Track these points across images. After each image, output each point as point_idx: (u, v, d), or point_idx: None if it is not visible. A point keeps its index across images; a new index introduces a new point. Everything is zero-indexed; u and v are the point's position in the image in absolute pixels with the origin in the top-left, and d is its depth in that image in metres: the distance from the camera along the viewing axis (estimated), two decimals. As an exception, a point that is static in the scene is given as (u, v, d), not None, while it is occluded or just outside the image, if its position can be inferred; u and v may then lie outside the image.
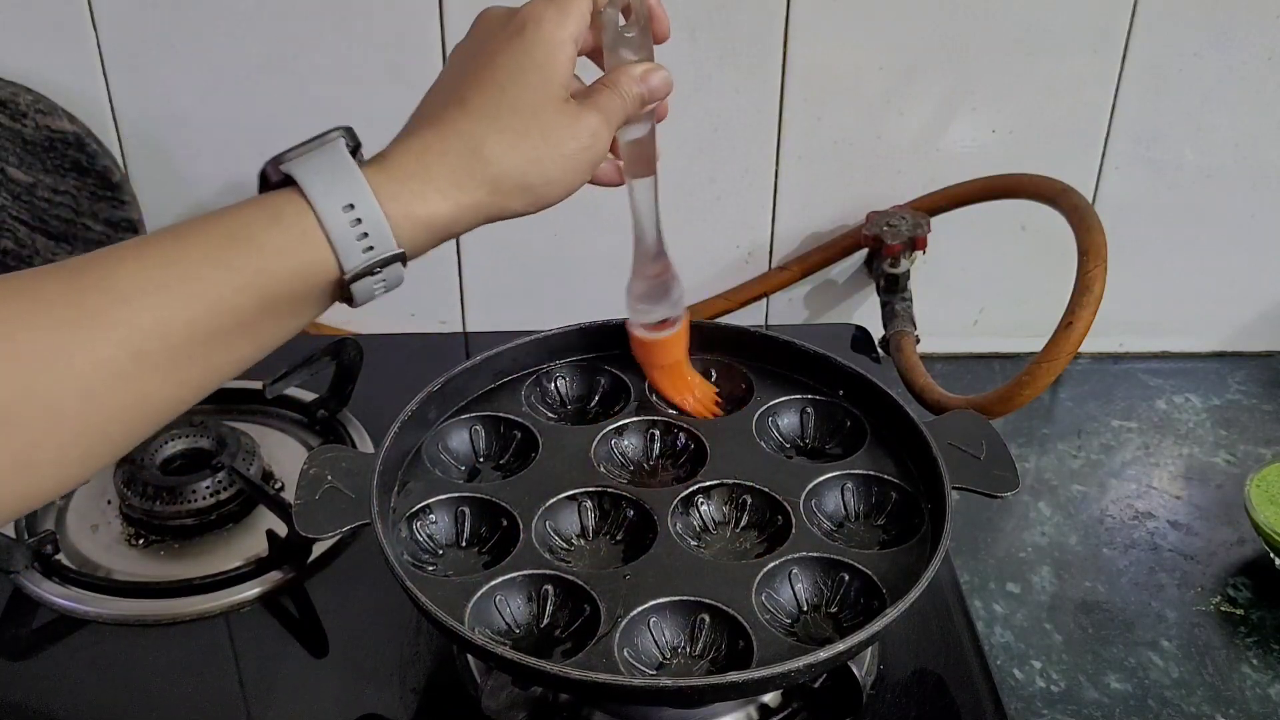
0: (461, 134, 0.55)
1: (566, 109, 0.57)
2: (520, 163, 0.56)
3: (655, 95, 0.62)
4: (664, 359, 0.75)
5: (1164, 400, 1.04)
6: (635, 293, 0.72)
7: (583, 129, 0.58)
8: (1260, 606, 0.81)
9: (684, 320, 0.74)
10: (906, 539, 0.69)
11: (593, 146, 0.58)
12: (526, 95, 0.56)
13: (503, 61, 0.57)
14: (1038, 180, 0.98)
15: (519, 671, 0.60)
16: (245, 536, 0.81)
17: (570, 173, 0.58)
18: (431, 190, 0.54)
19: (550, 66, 0.57)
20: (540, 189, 0.57)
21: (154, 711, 0.69)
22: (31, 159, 0.96)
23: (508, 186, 0.56)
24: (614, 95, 0.60)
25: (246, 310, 0.51)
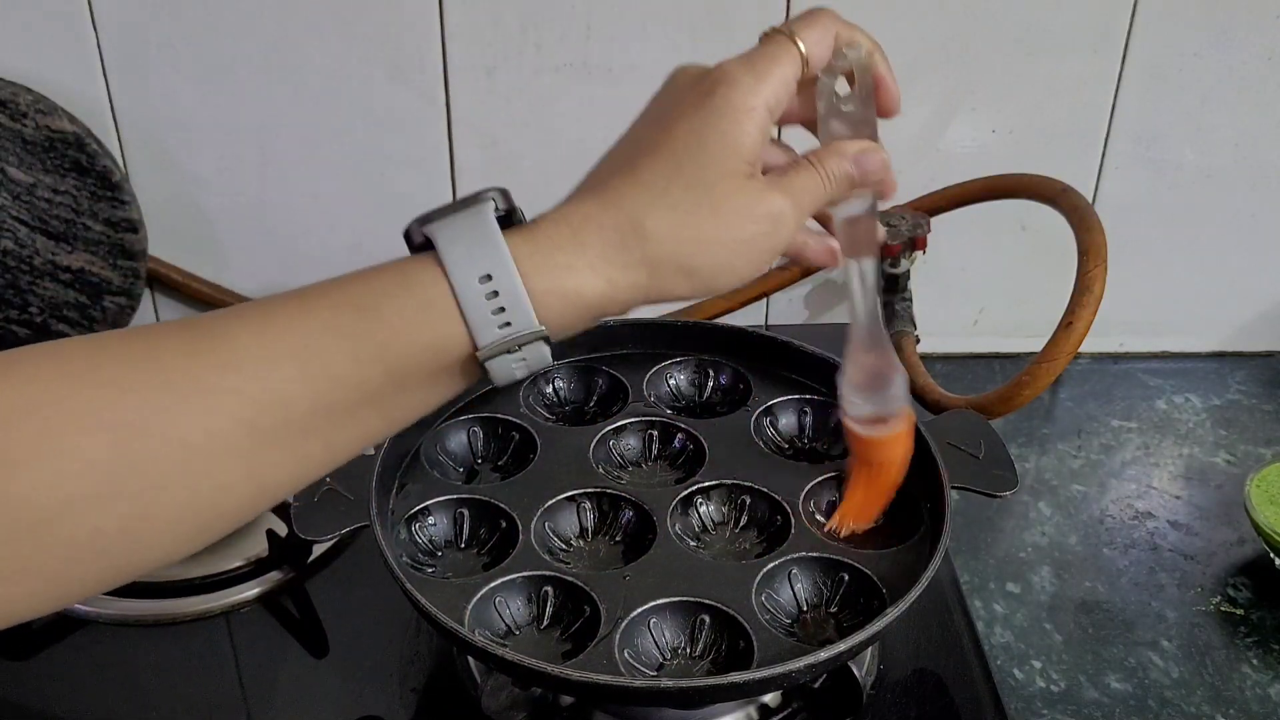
0: (624, 206, 0.50)
1: (747, 187, 0.51)
2: (684, 243, 0.50)
3: (867, 179, 0.55)
4: (876, 456, 0.66)
5: (1164, 400, 1.04)
6: (849, 382, 0.64)
7: (762, 211, 0.51)
8: (1260, 606, 0.81)
9: (905, 421, 0.65)
10: (906, 539, 0.69)
11: (773, 233, 0.52)
12: (704, 168, 0.50)
13: (683, 129, 0.51)
14: (1038, 180, 0.98)
15: (519, 673, 0.60)
16: (245, 536, 0.81)
17: (743, 259, 0.51)
18: (583, 265, 0.49)
19: (735, 137, 0.51)
20: (706, 274, 0.51)
21: (154, 711, 0.69)
22: (31, 159, 0.96)
23: (669, 268, 0.50)
24: (812, 175, 0.54)
25: (372, 383, 0.47)
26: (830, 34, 0.55)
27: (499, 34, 0.95)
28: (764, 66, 0.52)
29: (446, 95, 0.97)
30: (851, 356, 0.63)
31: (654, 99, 0.55)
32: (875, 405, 0.64)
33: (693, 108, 0.51)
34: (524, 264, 0.48)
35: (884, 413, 0.64)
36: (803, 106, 0.57)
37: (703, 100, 0.51)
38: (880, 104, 0.57)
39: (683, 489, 0.71)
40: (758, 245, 0.51)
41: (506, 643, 0.63)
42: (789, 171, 0.53)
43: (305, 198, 1.02)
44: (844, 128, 0.56)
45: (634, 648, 0.62)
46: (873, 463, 0.66)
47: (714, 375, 0.82)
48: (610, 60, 0.96)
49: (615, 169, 0.52)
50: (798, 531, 0.68)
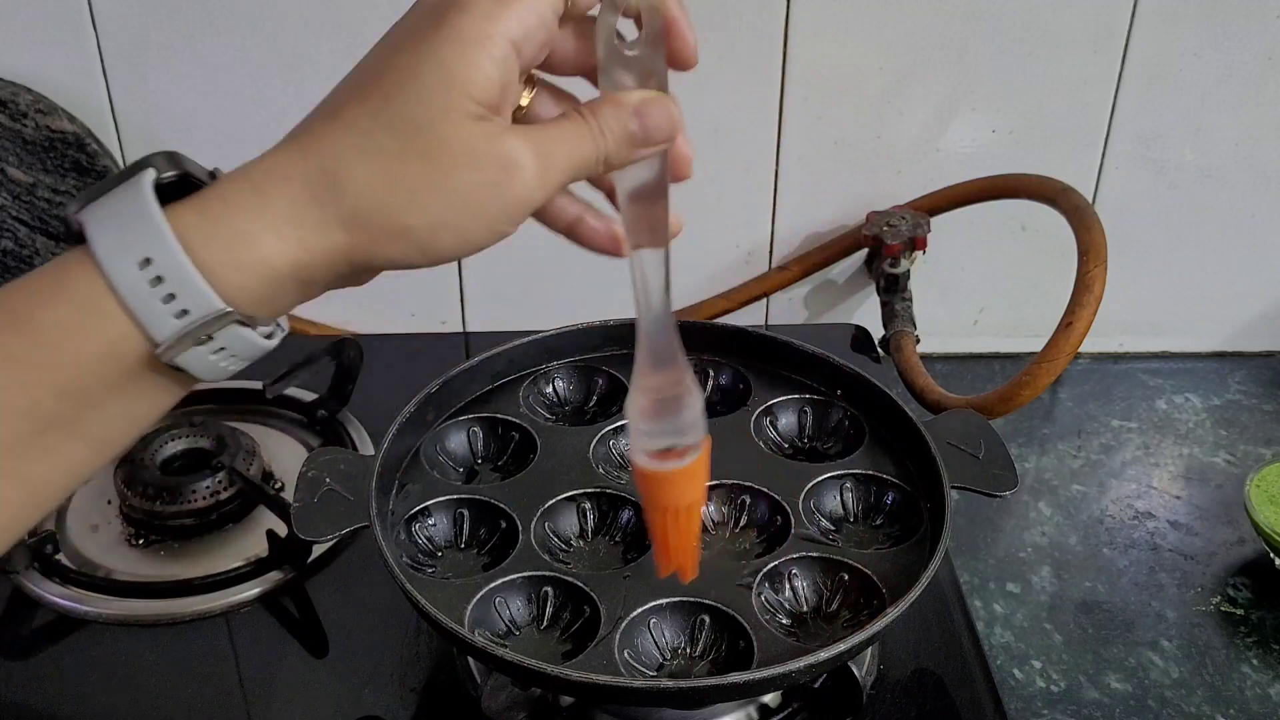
0: (319, 153, 0.42)
1: (472, 128, 0.42)
2: (389, 195, 0.42)
3: (653, 136, 0.46)
4: (670, 499, 0.55)
5: (1164, 400, 1.04)
6: (636, 407, 0.53)
7: (491, 157, 0.42)
8: (1260, 606, 0.81)
9: (702, 450, 0.54)
10: (906, 539, 0.69)
11: (504, 184, 0.43)
12: (416, 106, 0.42)
13: (400, 60, 0.42)
14: (1038, 180, 0.98)
15: (519, 673, 0.60)
16: (245, 536, 0.81)
17: (467, 216, 0.43)
18: (264, 227, 0.41)
19: (460, 69, 0.42)
20: (421, 234, 0.43)
21: (154, 711, 0.69)
22: (31, 159, 0.96)
23: (373, 225, 0.42)
24: (578, 125, 0.45)
25: (46, 407, 0.41)
26: None
27: (499, 34, 0.95)
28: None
29: (446, 95, 0.97)
30: (639, 377, 0.52)
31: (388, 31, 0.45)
32: (665, 435, 0.53)
33: (416, 37, 0.43)
34: (190, 236, 0.41)
35: (676, 443, 0.53)
36: (578, 50, 0.47)
37: (429, 28, 0.42)
38: (672, 51, 0.47)
39: (683, 489, 0.71)
40: (485, 198, 0.43)
41: (506, 643, 0.63)
42: (550, 122, 0.45)
43: (305, 198, 1.01)
44: (629, 77, 0.46)
45: (634, 648, 0.62)
46: (665, 507, 0.56)
47: (714, 375, 0.82)
48: (610, 60, 0.96)
49: (321, 111, 0.44)
50: (798, 531, 0.68)
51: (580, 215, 0.50)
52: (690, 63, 0.48)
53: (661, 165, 0.48)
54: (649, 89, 0.46)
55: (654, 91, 0.46)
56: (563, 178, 0.45)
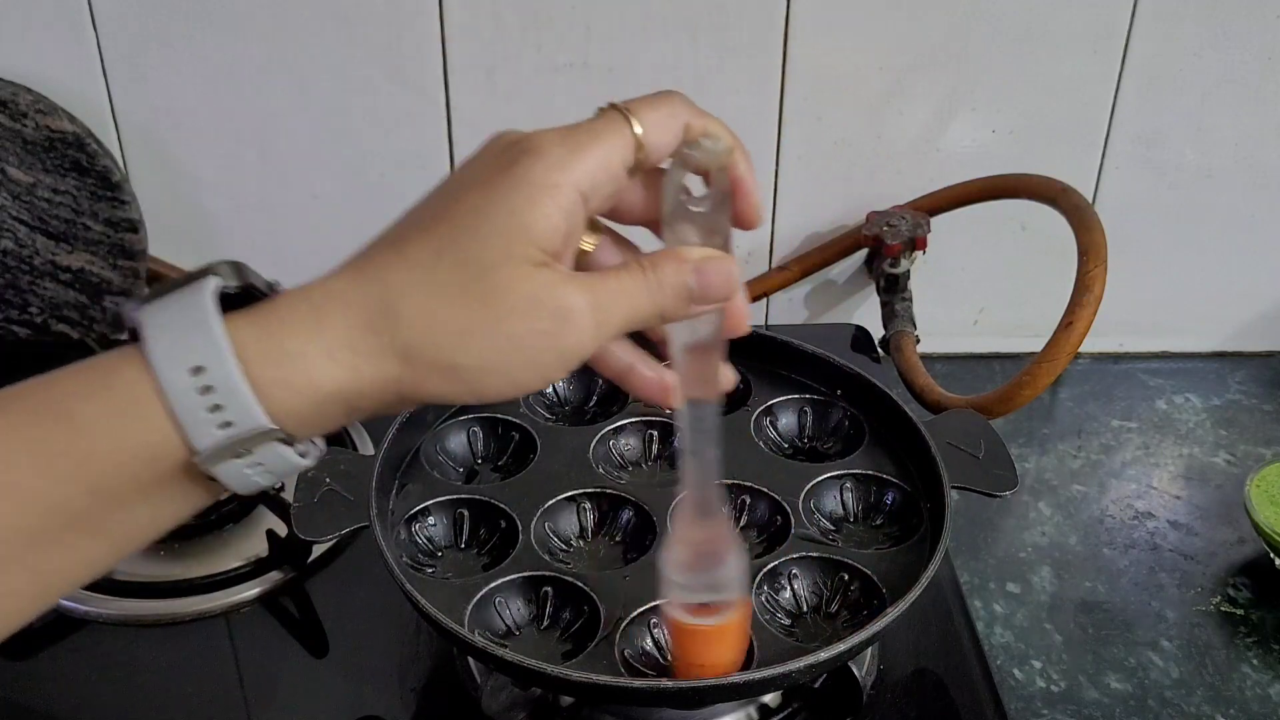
0: (380, 283, 0.42)
1: (533, 275, 0.42)
2: (442, 333, 0.42)
3: (711, 295, 0.45)
4: (701, 657, 0.56)
5: (1164, 400, 1.04)
6: (673, 560, 0.53)
7: (544, 306, 0.42)
8: (1260, 606, 0.81)
9: (740, 613, 0.54)
10: (906, 539, 0.69)
11: (558, 334, 0.42)
12: (480, 248, 0.42)
13: (469, 199, 0.43)
14: (1038, 180, 0.98)
15: (519, 673, 0.60)
16: (245, 536, 0.81)
17: (519, 361, 0.43)
18: (319, 350, 0.41)
19: (528, 215, 0.42)
20: (470, 374, 0.42)
21: (154, 711, 0.69)
22: (31, 159, 0.96)
23: (424, 361, 0.42)
24: (635, 278, 0.44)
25: (76, 504, 0.40)
26: (677, 118, 0.46)
27: (499, 34, 0.95)
28: (581, 140, 0.44)
29: (446, 95, 0.97)
30: (679, 528, 0.53)
31: (462, 164, 0.45)
32: (703, 590, 0.53)
33: (488, 179, 0.43)
34: (247, 350, 0.40)
35: (714, 599, 0.54)
36: (644, 202, 0.48)
37: (501, 171, 0.43)
38: (738, 211, 0.48)
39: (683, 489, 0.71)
40: (536, 346, 0.43)
41: (506, 643, 0.63)
42: (606, 272, 0.45)
43: (305, 198, 1.02)
44: (694, 233, 0.46)
45: (634, 648, 0.62)
46: (695, 664, 0.56)
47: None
48: (610, 60, 0.96)
49: (385, 241, 0.44)
50: (797, 532, 0.68)
51: (632, 364, 0.50)
52: (754, 224, 0.48)
53: (717, 322, 0.48)
54: (712, 245, 0.46)
55: (716, 251, 0.46)
56: (618, 329, 0.45)
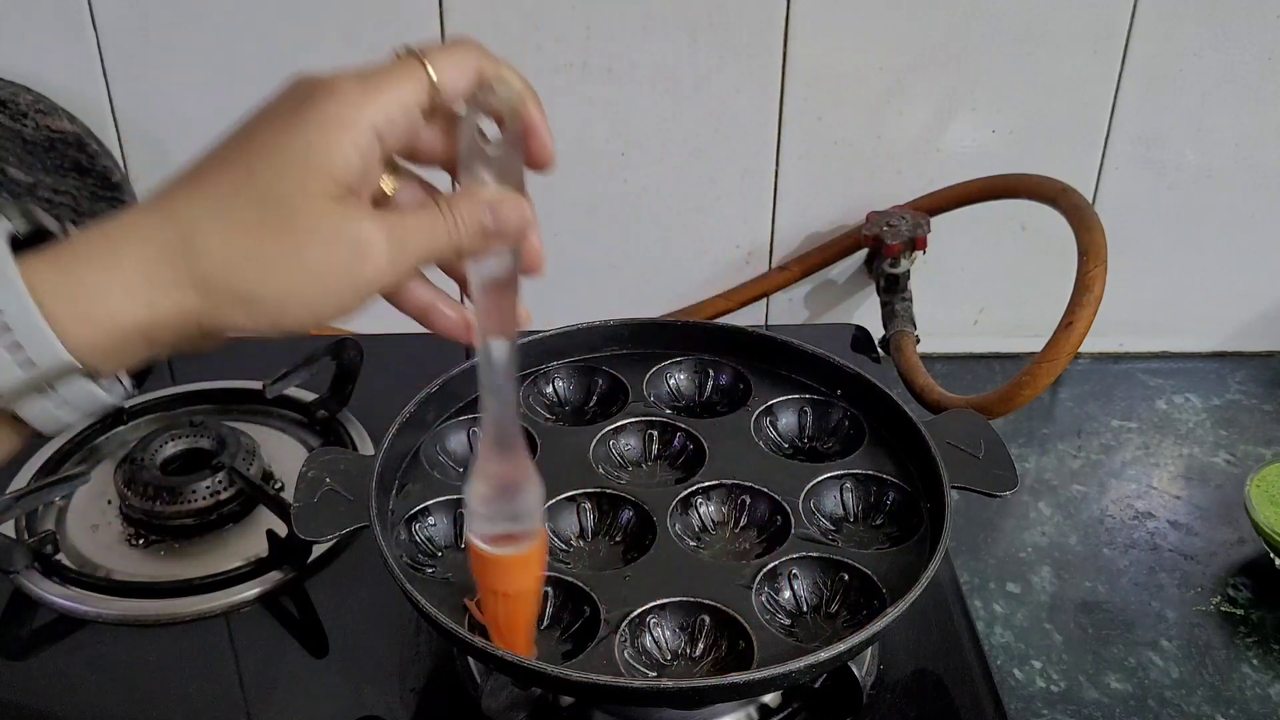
0: (177, 217, 0.43)
1: (329, 207, 0.44)
2: (240, 262, 0.43)
3: (504, 231, 0.48)
4: (501, 584, 0.57)
5: (1164, 400, 1.04)
6: (474, 493, 0.55)
7: (343, 236, 0.44)
8: (1260, 606, 0.81)
9: (537, 542, 0.56)
10: (906, 539, 0.69)
11: (355, 264, 0.45)
12: (276, 181, 0.44)
13: (266, 135, 0.45)
14: (1038, 180, 0.98)
15: (519, 673, 0.60)
16: (245, 536, 0.81)
17: (316, 290, 0.44)
18: (115, 285, 0.42)
19: (323, 149, 0.44)
20: (269, 304, 0.44)
21: (154, 711, 0.69)
22: (31, 159, 0.96)
23: (222, 292, 0.43)
24: (432, 214, 0.47)
25: None
26: (470, 64, 0.48)
27: (499, 34, 0.95)
28: (377, 81, 0.46)
29: (446, 95, 0.97)
30: (479, 463, 0.55)
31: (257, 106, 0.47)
32: (503, 521, 0.55)
33: (285, 116, 0.45)
34: (43, 288, 0.41)
35: (513, 530, 0.55)
36: (442, 144, 0.50)
37: (298, 108, 0.45)
38: (531, 153, 0.50)
39: (683, 489, 0.71)
40: (334, 276, 0.45)
41: (506, 643, 0.63)
42: (405, 209, 0.48)
43: (305, 198, 1.01)
44: (489, 174, 0.49)
45: (634, 648, 0.62)
46: (498, 591, 0.57)
47: (714, 375, 0.82)
48: (610, 60, 0.96)
49: (183, 177, 0.45)
50: (797, 532, 0.68)
51: (433, 302, 0.52)
52: (547, 165, 0.50)
53: (513, 260, 0.50)
54: (506, 186, 0.49)
55: (510, 190, 0.49)
56: (415, 261, 0.47)
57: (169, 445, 0.85)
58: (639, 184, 1.02)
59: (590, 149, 1.00)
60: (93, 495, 0.84)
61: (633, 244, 1.05)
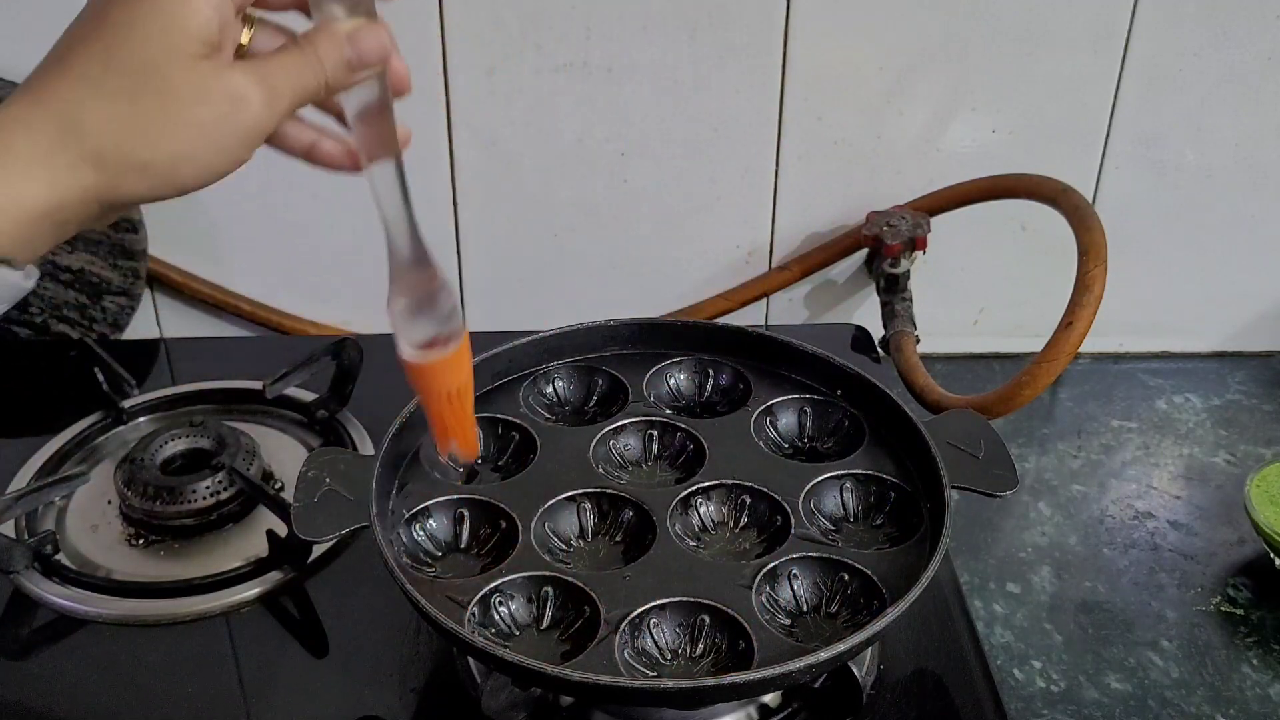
0: (56, 102, 0.46)
1: (199, 66, 0.46)
2: (127, 133, 0.46)
3: (366, 60, 0.50)
4: (439, 385, 0.60)
5: (1164, 400, 1.04)
6: (396, 309, 0.57)
7: (219, 92, 0.47)
8: (1260, 606, 0.81)
9: (462, 340, 0.59)
10: (906, 539, 0.69)
11: (234, 115, 0.47)
12: (141, 51, 0.46)
13: (119, 11, 0.46)
14: (1038, 180, 0.98)
15: (519, 673, 0.60)
16: (245, 536, 0.81)
17: (204, 146, 0.47)
18: (15, 175, 0.45)
19: (178, 12, 0.46)
20: (162, 166, 0.47)
21: (154, 711, 0.69)
22: (31, 159, 0.96)
23: (116, 163, 0.46)
24: (296, 56, 0.49)
25: None
26: None
27: (499, 34, 0.95)
28: None
29: (446, 95, 0.97)
30: (394, 280, 0.57)
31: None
32: (430, 327, 0.57)
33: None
34: None
35: (439, 333, 0.58)
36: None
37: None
38: None
39: (683, 489, 0.71)
40: (218, 130, 0.47)
41: (507, 643, 0.63)
42: (271, 55, 0.49)
43: (305, 198, 1.02)
44: (340, 8, 0.51)
45: (634, 648, 0.62)
46: (442, 393, 0.60)
47: (714, 375, 0.82)
48: (610, 60, 0.96)
49: (46, 66, 0.47)
50: (797, 532, 0.68)
51: (315, 140, 0.54)
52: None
53: (382, 85, 0.52)
54: (358, 16, 0.50)
55: (364, 20, 0.50)
56: (289, 104, 0.49)
57: (169, 445, 0.85)
58: (639, 184, 1.02)
59: (590, 149, 1.01)
60: (93, 495, 0.84)
61: (633, 244, 1.05)
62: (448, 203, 1.02)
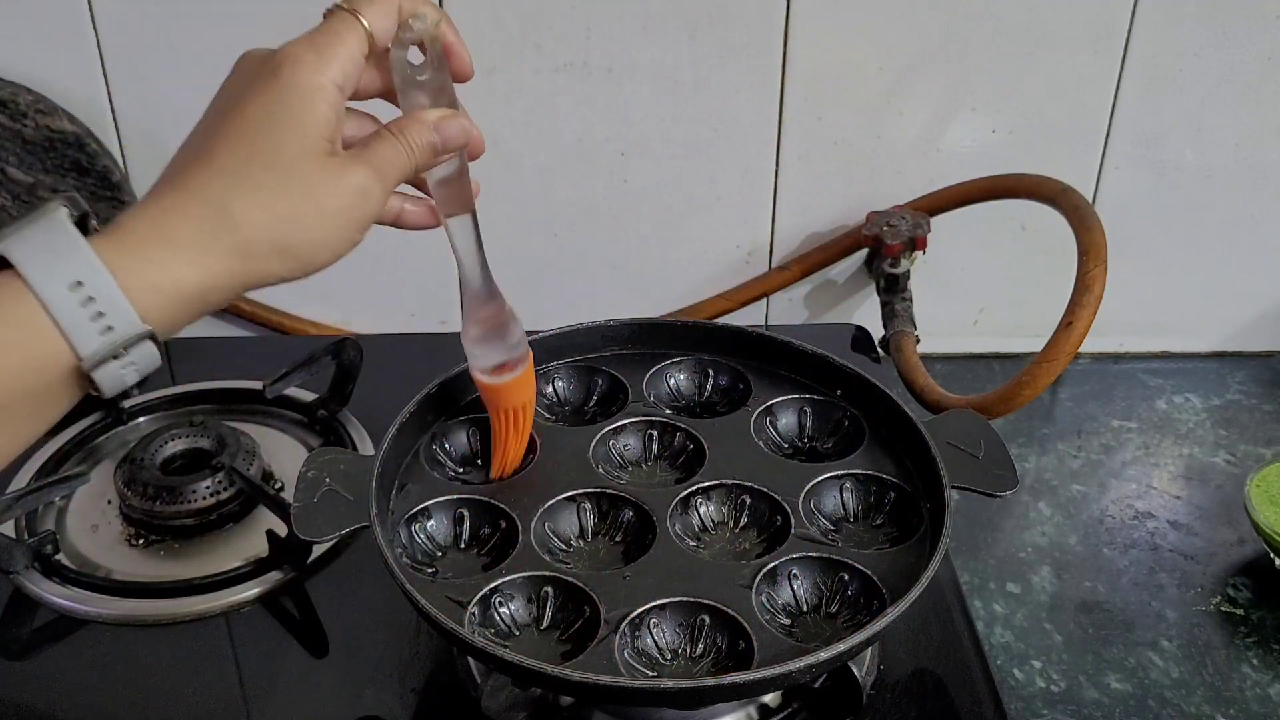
0: (207, 194, 0.50)
1: (329, 163, 0.52)
2: (274, 224, 0.51)
3: (450, 145, 0.57)
4: (509, 402, 0.70)
5: (1164, 400, 1.04)
6: (470, 338, 0.67)
7: (347, 186, 0.53)
8: (1260, 606, 0.81)
9: (528, 362, 0.70)
10: (906, 539, 0.69)
11: (361, 205, 0.53)
12: (280, 148, 0.51)
13: (253, 111, 0.52)
14: (1038, 180, 0.98)
15: (519, 673, 0.60)
16: (245, 536, 0.81)
17: (336, 233, 0.53)
18: (175, 257, 0.49)
19: (307, 115, 0.52)
20: (302, 251, 0.52)
21: (154, 711, 0.69)
22: (31, 159, 0.96)
23: (263, 250, 0.51)
24: (394, 146, 0.55)
25: None
26: (393, 6, 0.56)
27: (499, 34, 0.95)
28: (326, 44, 0.53)
29: (446, 95, 0.97)
30: (468, 314, 0.67)
31: (222, 86, 0.55)
32: (500, 354, 0.68)
33: (261, 90, 0.52)
34: (113, 264, 0.47)
35: (509, 359, 0.68)
36: (379, 79, 0.58)
37: (270, 82, 0.52)
38: (453, 69, 0.59)
39: (683, 489, 0.71)
40: (348, 218, 0.53)
41: (507, 643, 0.63)
42: (371, 144, 0.55)
43: (305, 198, 1.01)
44: (423, 96, 0.58)
45: (634, 648, 0.62)
46: (508, 408, 0.70)
47: (714, 375, 0.82)
48: (610, 60, 0.96)
49: (190, 159, 0.52)
50: (797, 532, 0.68)
51: (402, 206, 0.61)
52: (467, 76, 0.60)
53: (461, 156, 0.60)
54: (440, 104, 0.58)
55: (447, 109, 0.58)
56: (391, 185, 0.56)
57: (169, 445, 0.85)
58: (639, 184, 1.02)
59: (590, 149, 1.01)
60: (93, 495, 0.84)
61: (633, 244, 1.05)
62: (448, 203, 1.02)
